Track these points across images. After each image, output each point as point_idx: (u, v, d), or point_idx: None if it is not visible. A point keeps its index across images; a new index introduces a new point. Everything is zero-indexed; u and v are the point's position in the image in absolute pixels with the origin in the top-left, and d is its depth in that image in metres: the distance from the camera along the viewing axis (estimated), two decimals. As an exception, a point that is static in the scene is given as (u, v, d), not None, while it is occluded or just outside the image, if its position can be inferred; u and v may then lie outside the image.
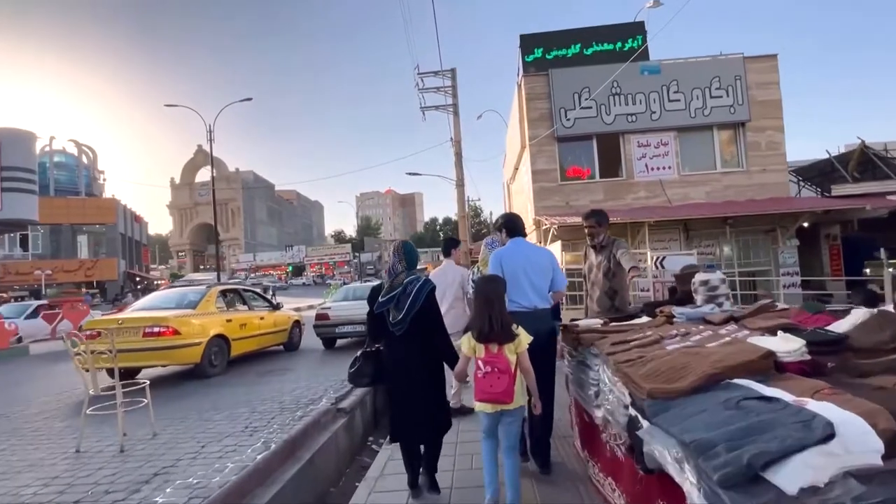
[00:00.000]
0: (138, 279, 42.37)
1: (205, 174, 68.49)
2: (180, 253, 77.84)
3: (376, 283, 3.19)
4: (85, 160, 40.44)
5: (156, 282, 42.64)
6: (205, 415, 5.01)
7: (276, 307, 9.59)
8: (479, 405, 2.56)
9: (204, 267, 69.67)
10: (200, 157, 70.74)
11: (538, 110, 11.96)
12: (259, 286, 38.22)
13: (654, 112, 11.71)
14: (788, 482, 1.14)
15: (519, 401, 2.53)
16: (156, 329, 6.64)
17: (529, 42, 12.77)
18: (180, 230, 77.41)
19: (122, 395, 4.31)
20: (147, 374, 7.57)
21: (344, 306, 9.89)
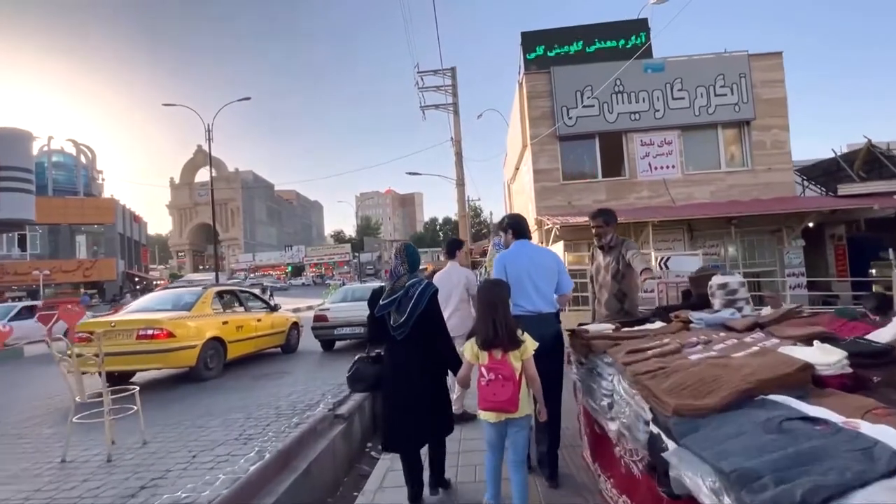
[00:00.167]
0: (137, 279, 42.19)
1: (204, 174, 68.40)
2: (180, 253, 77.66)
3: (377, 286, 3.11)
4: (83, 160, 40.25)
5: (155, 282, 42.45)
6: (198, 421, 4.85)
7: (274, 308, 9.43)
8: (483, 414, 2.45)
9: (203, 267, 69.51)
10: (200, 157, 70.56)
11: (540, 109, 11.79)
12: (259, 286, 38.18)
13: (658, 110, 11.54)
14: (852, 523, 0.98)
15: (525, 409, 2.42)
16: (149, 331, 6.47)
17: (531, 39, 12.61)
18: (180, 230, 77.22)
19: (111, 402, 4.15)
20: (141, 378, 7.43)
21: (343, 307, 9.73)
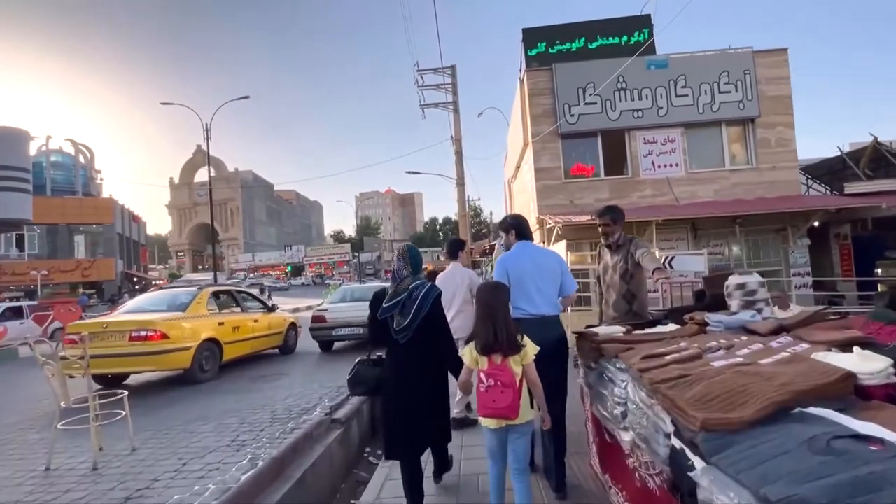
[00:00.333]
0: (136, 279, 42.02)
1: (204, 174, 68.24)
2: (179, 253, 77.52)
3: (377, 286, 3.03)
4: (82, 160, 40.06)
5: (154, 282, 42.27)
6: (191, 426, 4.69)
7: (271, 309, 9.27)
8: (483, 421, 2.39)
9: (203, 267, 69.37)
10: (200, 157, 70.36)
11: (541, 106, 11.62)
12: (259, 286, 38.04)
13: (661, 108, 11.37)
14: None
15: (525, 416, 2.34)
16: (142, 333, 6.30)
17: (532, 36, 12.44)
18: (179, 230, 77.08)
19: (99, 407, 4.00)
20: (135, 380, 7.28)
21: (341, 308, 9.57)
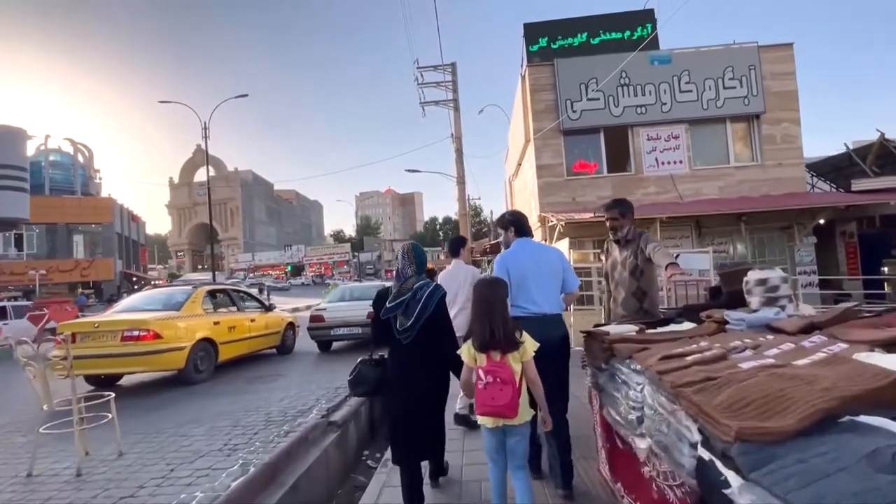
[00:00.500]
0: (135, 279, 41.86)
1: (204, 174, 68.05)
2: (179, 253, 77.44)
3: (382, 287, 2.94)
4: (81, 159, 39.96)
5: (153, 282, 42.11)
6: (182, 429, 4.52)
7: (269, 308, 9.10)
8: (481, 419, 2.31)
9: (202, 267, 69.27)
10: (199, 157, 70.20)
11: (543, 102, 11.45)
12: (259, 286, 37.89)
13: (665, 104, 11.19)
14: None
15: (524, 416, 2.28)
16: (135, 332, 6.13)
17: (534, 31, 12.27)
18: (179, 230, 77.00)
19: (85, 410, 3.84)
20: (129, 381, 7.12)
21: (340, 307, 9.40)
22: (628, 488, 2.42)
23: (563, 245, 9.22)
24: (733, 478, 1.27)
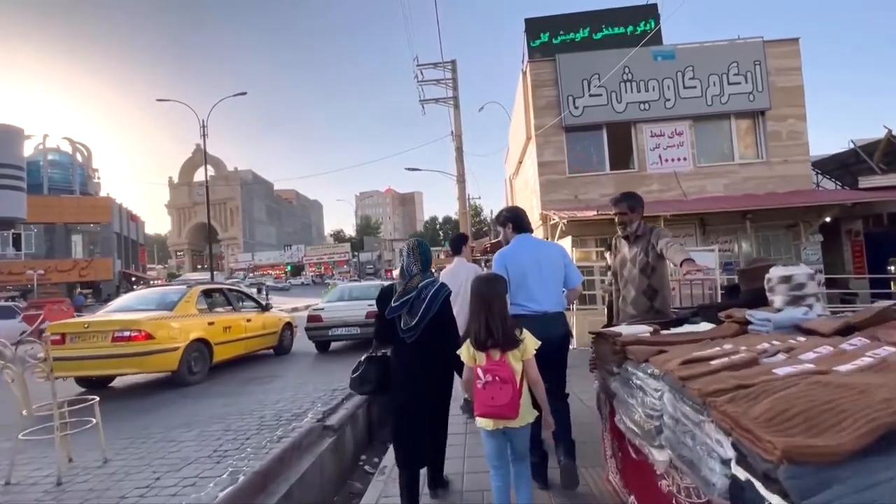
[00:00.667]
0: (134, 279, 41.70)
1: (203, 173, 67.98)
2: (179, 253, 77.34)
3: (386, 285, 2.90)
4: (79, 158, 39.91)
5: (152, 281, 41.95)
6: (172, 433, 4.35)
7: (266, 308, 8.93)
8: (481, 421, 2.23)
9: (202, 267, 69.12)
10: (199, 157, 69.93)
11: (544, 98, 11.27)
12: (259, 285, 37.74)
13: (668, 100, 11.01)
14: None
15: (526, 417, 2.21)
16: (126, 333, 5.96)
17: (535, 26, 12.09)
18: (178, 230, 76.90)
19: (68, 415, 3.67)
20: (122, 382, 6.96)
21: (338, 307, 9.24)
22: (643, 502, 2.25)
23: (566, 243, 9.05)
24: (774, 500, 1.10)
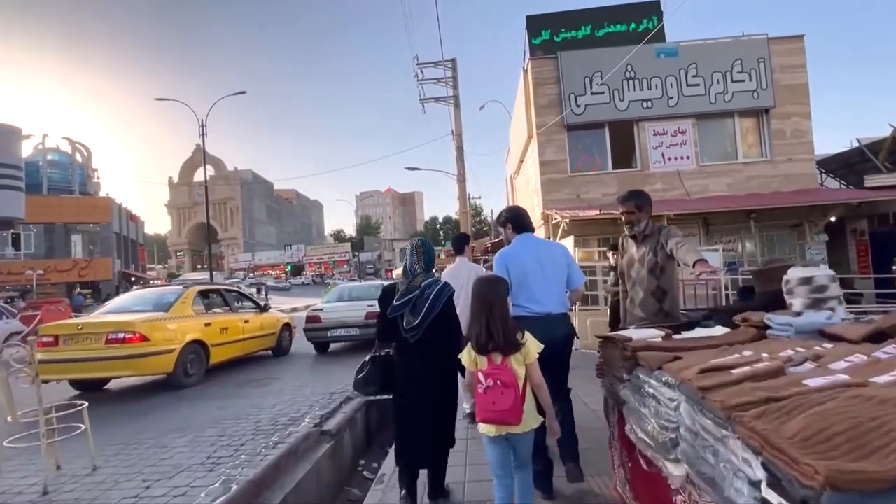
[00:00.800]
0: (134, 279, 41.58)
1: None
2: (179, 252, 77.25)
3: (388, 284, 2.88)
4: (79, 158, 39.80)
5: (152, 282, 41.86)
6: (164, 438, 4.23)
7: (264, 309, 8.81)
8: (483, 427, 2.17)
9: (202, 267, 69.01)
10: (199, 156, 69.72)
11: (546, 96, 11.15)
12: (258, 285, 37.65)
13: (671, 98, 10.89)
14: None
15: (530, 423, 2.16)
16: (120, 335, 5.84)
17: (536, 23, 11.97)
18: (178, 230, 76.83)
19: (56, 421, 3.55)
20: (117, 385, 6.84)
21: (337, 308, 9.12)
22: (655, 516, 2.12)
23: (568, 243, 8.94)
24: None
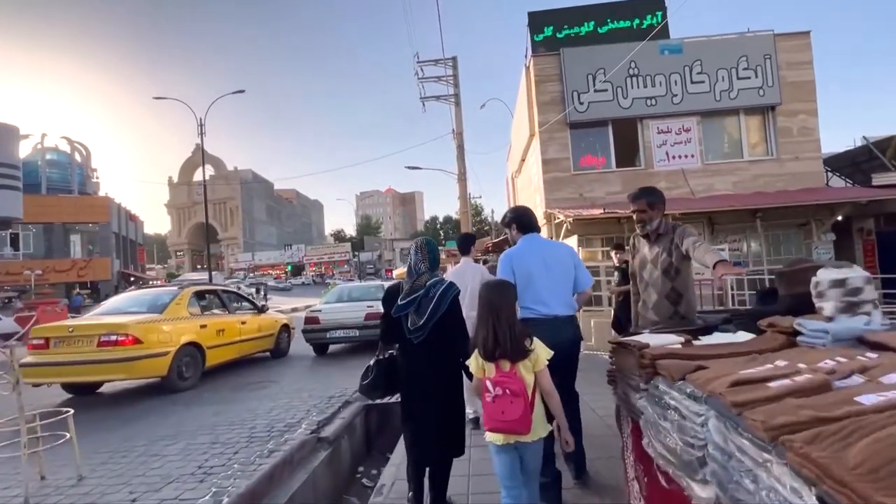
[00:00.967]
0: (133, 279, 41.45)
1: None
2: (178, 252, 77.12)
3: (392, 284, 2.86)
4: (78, 158, 39.64)
5: (151, 282, 41.71)
6: (155, 446, 4.08)
7: (262, 310, 8.66)
8: (490, 436, 2.11)
9: (202, 267, 68.88)
10: (199, 156, 69.47)
11: (548, 94, 10.98)
12: (258, 286, 37.51)
13: (676, 95, 10.72)
14: None
15: (539, 431, 2.10)
16: (112, 337, 5.69)
17: (538, 20, 11.80)
18: (178, 229, 76.71)
19: (40, 429, 3.40)
20: (110, 388, 6.68)
21: (336, 308, 8.97)
22: (676, 538, 1.96)
23: (571, 243, 8.79)
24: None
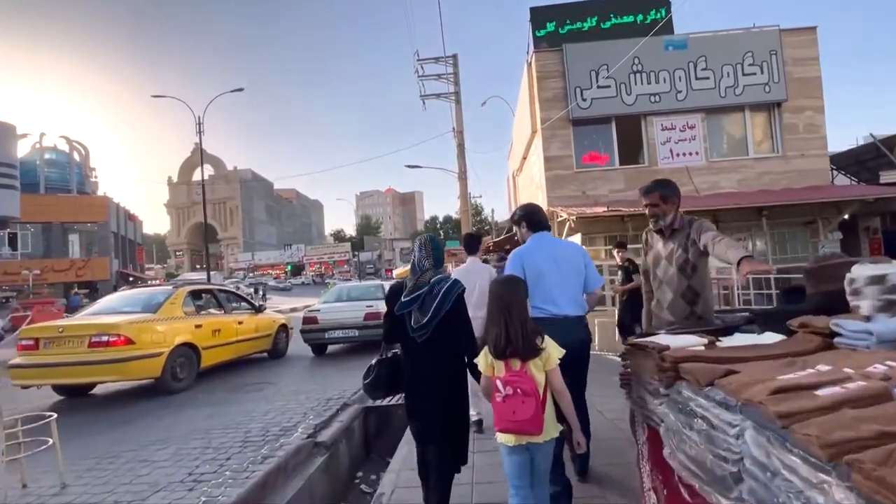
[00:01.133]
0: (132, 279, 41.28)
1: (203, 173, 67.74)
2: (178, 252, 76.96)
3: (395, 282, 2.81)
4: (77, 157, 39.50)
5: (150, 281, 41.55)
6: (145, 451, 3.91)
7: (259, 309, 8.50)
8: (501, 437, 2.06)
9: (201, 266, 68.77)
10: (198, 156, 69.69)
11: (551, 90, 10.83)
12: (257, 285, 37.36)
13: (680, 91, 10.57)
14: None
15: (551, 432, 2.05)
16: (104, 338, 5.53)
17: (541, 15, 11.65)
18: (178, 229, 76.56)
19: (22, 434, 3.24)
20: (103, 389, 6.53)
21: (335, 308, 8.81)
22: (701, 558, 1.80)
23: (575, 241, 8.63)
24: None
